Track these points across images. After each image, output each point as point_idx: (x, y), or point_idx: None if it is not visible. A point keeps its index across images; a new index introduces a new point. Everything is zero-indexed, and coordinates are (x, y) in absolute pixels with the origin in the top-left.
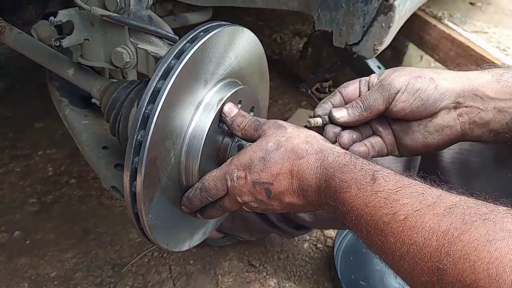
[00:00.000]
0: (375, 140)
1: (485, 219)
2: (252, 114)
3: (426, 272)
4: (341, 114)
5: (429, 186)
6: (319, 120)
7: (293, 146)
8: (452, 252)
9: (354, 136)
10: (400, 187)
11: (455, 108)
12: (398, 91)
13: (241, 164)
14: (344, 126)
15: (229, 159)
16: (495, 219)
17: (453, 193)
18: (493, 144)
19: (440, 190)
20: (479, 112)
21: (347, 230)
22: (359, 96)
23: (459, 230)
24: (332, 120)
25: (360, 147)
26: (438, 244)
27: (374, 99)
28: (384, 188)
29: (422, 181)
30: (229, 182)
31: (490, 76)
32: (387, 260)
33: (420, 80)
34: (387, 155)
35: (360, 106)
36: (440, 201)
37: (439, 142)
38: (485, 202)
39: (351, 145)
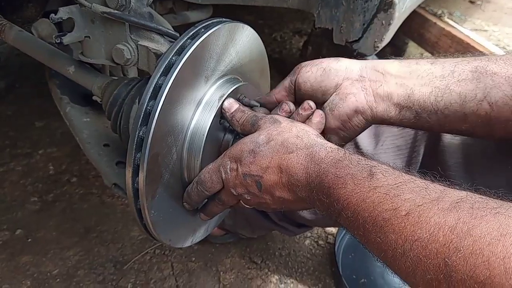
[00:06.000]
0: None
1: (496, 213)
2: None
3: (431, 270)
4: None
5: (430, 182)
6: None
7: (283, 140)
8: (463, 247)
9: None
10: (400, 182)
11: (358, 81)
12: (303, 67)
13: (233, 156)
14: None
15: (223, 152)
16: (506, 213)
17: (457, 188)
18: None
19: (443, 186)
20: (381, 85)
21: None
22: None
23: (468, 224)
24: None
25: None
26: (445, 239)
27: (285, 80)
28: (383, 183)
29: (422, 176)
30: (223, 175)
31: (393, 59)
32: (386, 259)
33: (323, 59)
34: None
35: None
36: (445, 196)
37: (347, 111)
38: (491, 198)
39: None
